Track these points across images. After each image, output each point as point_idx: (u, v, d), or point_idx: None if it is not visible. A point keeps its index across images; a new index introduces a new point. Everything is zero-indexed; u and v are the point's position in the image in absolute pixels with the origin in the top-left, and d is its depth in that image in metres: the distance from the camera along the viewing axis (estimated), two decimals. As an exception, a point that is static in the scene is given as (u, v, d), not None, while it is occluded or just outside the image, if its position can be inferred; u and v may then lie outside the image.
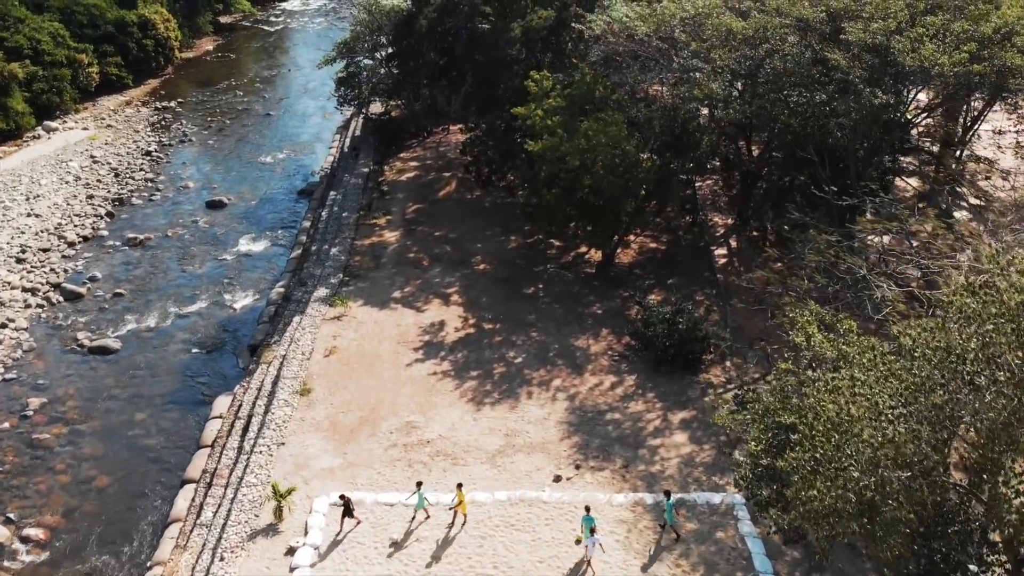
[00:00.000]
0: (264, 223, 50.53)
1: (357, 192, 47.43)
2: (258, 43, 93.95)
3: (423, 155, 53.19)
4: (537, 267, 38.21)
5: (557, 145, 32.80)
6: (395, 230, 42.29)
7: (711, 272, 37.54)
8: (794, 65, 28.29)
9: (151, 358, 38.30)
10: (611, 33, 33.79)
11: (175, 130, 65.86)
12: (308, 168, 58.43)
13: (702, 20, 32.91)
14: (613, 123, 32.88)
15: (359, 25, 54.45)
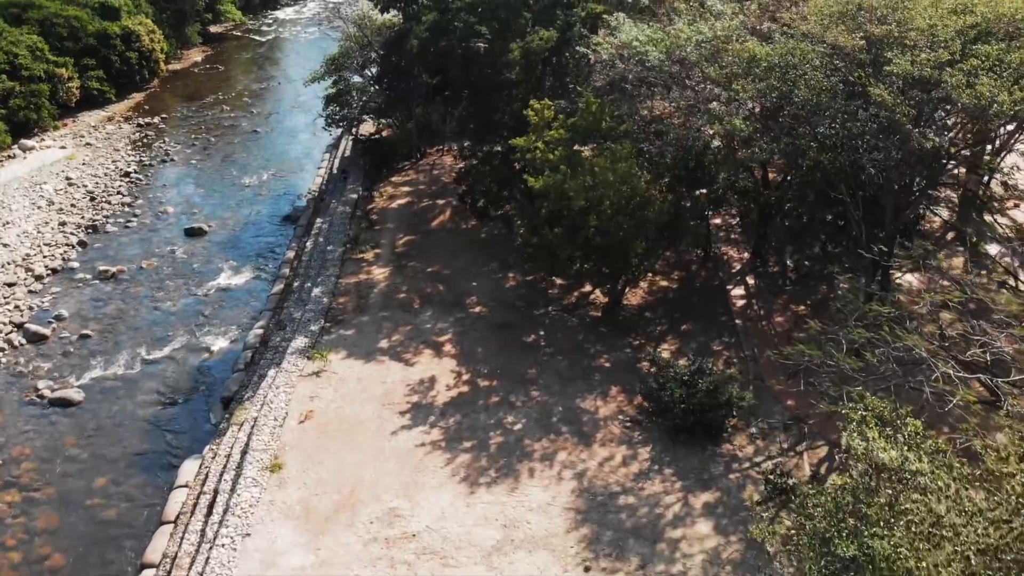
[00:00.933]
0: (246, 253, 46.91)
1: (344, 221, 43.82)
2: (248, 54, 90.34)
3: (416, 179, 49.59)
4: (537, 310, 34.62)
5: (560, 182, 29.24)
6: (384, 266, 38.67)
7: (728, 316, 33.97)
8: (828, 99, 24.72)
9: (116, 411, 34.65)
10: (619, 58, 30.27)
11: (157, 149, 62.22)
12: (295, 191, 54.79)
13: (720, 45, 29.35)
14: (622, 158, 29.34)
15: (348, 40, 50.87)
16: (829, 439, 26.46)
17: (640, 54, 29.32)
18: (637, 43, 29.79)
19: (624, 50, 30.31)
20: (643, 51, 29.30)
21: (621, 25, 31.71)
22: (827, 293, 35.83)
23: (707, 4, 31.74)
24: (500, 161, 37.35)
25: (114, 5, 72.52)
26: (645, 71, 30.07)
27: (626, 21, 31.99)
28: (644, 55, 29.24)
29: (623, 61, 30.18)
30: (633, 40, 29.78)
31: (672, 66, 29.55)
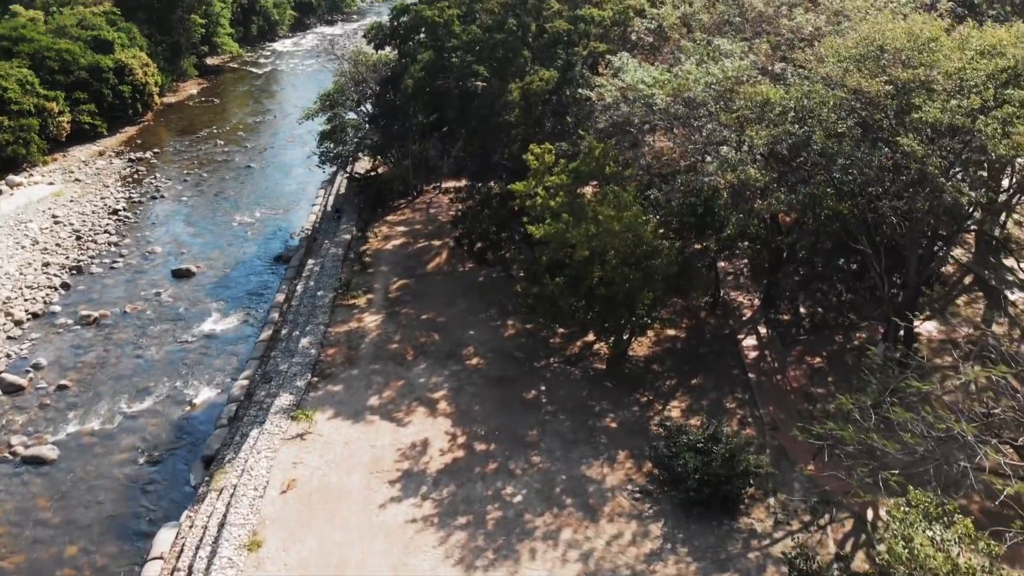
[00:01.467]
0: (234, 296, 44.91)
1: (336, 263, 41.86)
2: (244, 86, 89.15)
3: (412, 218, 47.75)
4: (538, 362, 32.53)
5: (562, 231, 27.34)
6: (376, 312, 36.64)
7: (741, 369, 31.88)
8: (850, 147, 22.87)
9: (92, 470, 32.37)
10: (624, 100, 28.52)
11: (147, 185, 60.47)
12: (287, 229, 52.94)
13: (731, 86, 27.62)
14: (627, 205, 27.49)
15: (343, 76, 49.35)
16: (854, 511, 24.34)
17: (646, 96, 27.57)
18: (643, 85, 28.06)
19: (629, 92, 28.56)
20: (649, 93, 27.55)
21: (625, 65, 30.02)
22: (843, 344, 33.84)
23: (715, 43, 30.07)
24: (498, 203, 35.49)
25: (107, 39, 71.33)
26: (651, 114, 28.29)
27: (630, 61, 30.33)
28: (650, 98, 27.48)
29: (628, 103, 28.42)
30: (639, 82, 28.06)
31: (679, 108, 27.77)
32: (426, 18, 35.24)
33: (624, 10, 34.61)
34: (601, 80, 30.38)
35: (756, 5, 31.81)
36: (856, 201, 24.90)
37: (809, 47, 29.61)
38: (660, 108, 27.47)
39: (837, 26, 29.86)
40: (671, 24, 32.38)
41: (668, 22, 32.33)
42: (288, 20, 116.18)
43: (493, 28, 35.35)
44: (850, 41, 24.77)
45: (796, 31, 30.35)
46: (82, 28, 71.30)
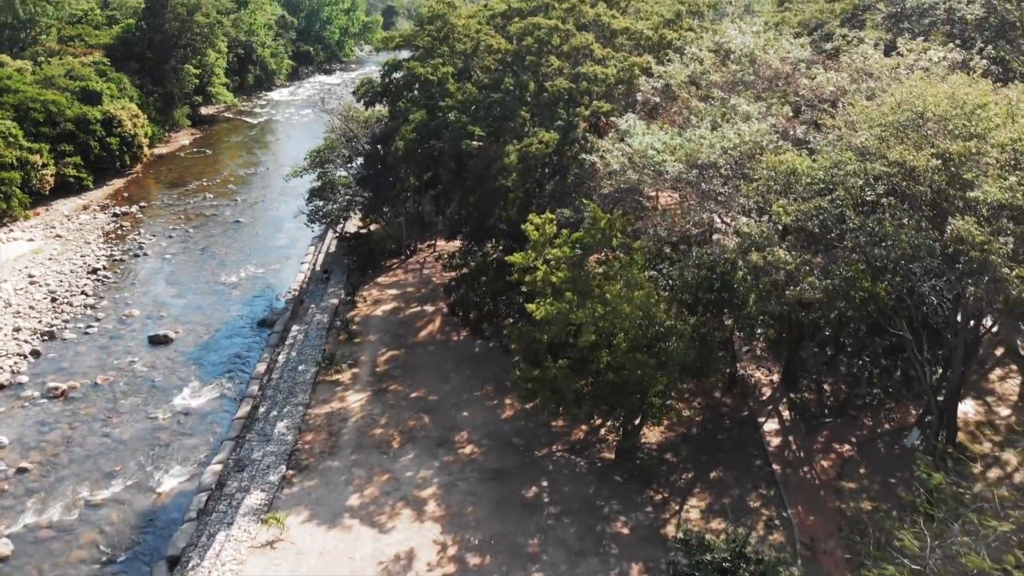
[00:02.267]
0: (212, 365, 41.64)
1: (321, 333, 38.74)
2: (238, 137, 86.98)
3: (404, 279, 44.80)
4: (539, 450, 29.25)
5: (566, 312, 24.35)
6: (361, 390, 33.40)
7: (763, 458, 28.60)
8: (893, 228, 19.98)
9: (47, 569, 28.97)
10: (632, 167, 25.76)
11: (130, 241, 57.59)
12: (274, 290, 49.92)
13: (751, 152, 24.89)
14: (639, 283, 24.54)
15: (333, 132, 46.87)
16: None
17: (657, 164, 24.80)
18: (653, 151, 25.31)
19: (637, 157, 25.80)
20: (660, 160, 24.79)
21: (632, 129, 27.32)
22: (873, 427, 30.64)
23: (730, 104, 27.44)
24: (495, 271, 32.55)
25: (96, 89, 69.14)
26: (662, 181, 25.50)
27: (637, 124, 27.68)
28: (662, 165, 24.71)
29: (636, 170, 25.62)
30: (648, 147, 25.33)
31: (694, 175, 24.99)
32: (418, 76, 32.73)
33: (629, 68, 32.10)
34: (605, 144, 27.66)
35: (771, 63, 29.26)
36: (892, 280, 22.00)
37: (833, 108, 26.99)
38: (672, 176, 24.64)
39: (860, 84, 27.27)
40: (680, 83, 29.81)
41: (676, 81, 29.75)
42: (285, 69, 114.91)
43: (490, 87, 32.80)
44: (885, 107, 22.06)
45: (817, 91, 27.74)
46: (70, 79, 69.16)
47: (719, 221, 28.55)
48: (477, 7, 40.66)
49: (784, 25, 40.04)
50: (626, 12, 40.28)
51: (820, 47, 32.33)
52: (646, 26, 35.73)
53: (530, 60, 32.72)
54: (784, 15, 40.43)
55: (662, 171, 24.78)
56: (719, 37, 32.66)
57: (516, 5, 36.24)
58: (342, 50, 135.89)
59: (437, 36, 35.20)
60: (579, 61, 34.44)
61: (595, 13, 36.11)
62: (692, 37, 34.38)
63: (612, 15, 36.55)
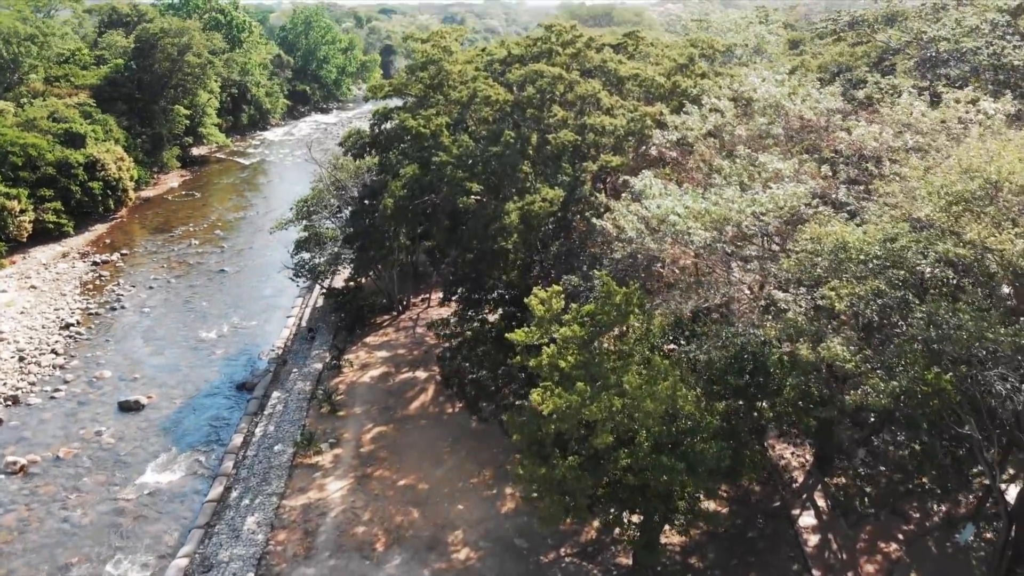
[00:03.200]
0: (186, 436, 37.63)
1: (302, 403, 34.85)
2: (229, 179, 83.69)
3: (395, 339, 41.04)
4: (545, 554, 25.25)
5: (577, 406, 20.64)
6: (343, 476, 29.45)
7: (802, 563, 24.64)
8: (974, 322, 16.40)
9: None
10: (650, 234, 22.25)
11: (108, 293, 53.83)
12: (256, 348, 46.06)
13: (789, 218, 21.39)
14: (664, 373, 20.86)
15: (321, 182, 43.47)
16: None
17: (681, 232, 21.28)
18: (676, 216, 21.79)
19: (655, 221, 22.29)
20: (684, 228, 21.27)
21: (648, 189, 23.85)
22: (922, 520, 26.79)
23: (758, 161, 24.02)
24: (494, 340, 28.87)
25: (80, 132, 65.90)
26: (684, 251, 21.95)
27: (654, 183, 24.24)
28: (686, 233, 21.19)
29: (655, 239, 22.10)
30: (669, 212, 21.83)
31: (721, 243, 21.45)
32: (409, 128, 29.41)
33: (640, 119, 28.79)
34: (618, 206, 24.14)
35: (803, 113, 25.94)
36: (957, 370, 18.37)
37: (877, 167, 23.57)
38: (698, 245, 21.08)
39: (905, 140, 23.89)
40: (698, 136, 26.44)
41: (696, 133, 26.38)
42: (281, 109, 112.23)
43: (488, 139, 29.43)
44: (952, 173, 18.59)
45: (856, 146, 24.35)
46: (53, 121, 65.95)
47: (747, 290, 24.94)
48: (474, 51, 37.56)
49: (803, 69, 36.97)
50: (633, 57, 37.15)
51: (852, 95, 29.05)
52: (657, 72, 32.51)
53: (531, 111, 29.40)
54: (803, 59, 37.32)
55: (687, 241, 21.22)
56: (739, 85, 29.38)
57: (516, 51, 33.09)
58: (339, 89, 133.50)
59: (430, 84, 31.93)
60: (585, 110, 31.15)
61: (601, 58, 32.93)
62: (708, 85, 31.11)
63: (619, 60, 33.37)
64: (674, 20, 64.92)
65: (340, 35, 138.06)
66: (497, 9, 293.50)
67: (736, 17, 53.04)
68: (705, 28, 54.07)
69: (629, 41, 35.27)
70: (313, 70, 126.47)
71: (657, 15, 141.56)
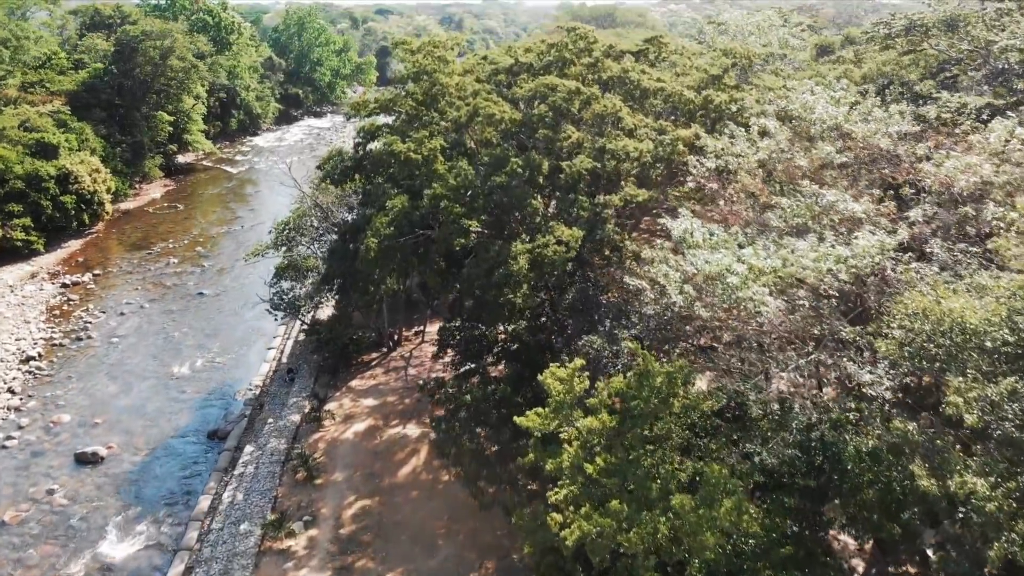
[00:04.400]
0: (148, 496, 32.56)
1: (274, 469, 29.74)
2: (215, 189, 78.46)
3: (385, 382, 35.99)
4: None
5: (612, 533, 15.70)
6: (319, 568, 24.28)
7: None
8: None
9: None
10: (699, 300, 17.26)
11: (76, 320, 48.69)
12: (233, 386, 40.99)
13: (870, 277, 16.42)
14: (723, 487, 15.92)
15: (303, 203, 38.43)
16: None
17: (741, 300, 16.31)
18: (731, 274, 16.81)
19: (705, 281, 17.32)
20: (747, 295, 16.28)
21: (690, 236, 18.85)
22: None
23: (825, 200, 19.03)
24: (496, 406, 23.85)
25: (52, 142, 60.63)
26: (747, 323, 16.96)
27: (697, 229, 19.23)
28: (749, 301, 16.20)
29: (708, 306, 17.12)
30: (724, 270, 16.88)
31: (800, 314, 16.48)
32: (397, 154, 24.39)
33: (672, 143, 23.82)
34: (655, 255, 19.12)
35: (874, 140, 20.97)
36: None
37: (977, 208, 18.61)
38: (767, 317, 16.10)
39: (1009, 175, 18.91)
40: (749, 168, 21.43)
41: (745, 165, 21.38)
42: (272, 113, 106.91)
43: (491, 165, 24.39)
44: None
45: (946, 183, 19.39)
46: (24, 131, 60.66)
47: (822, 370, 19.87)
48: (474, 60, 32.54)
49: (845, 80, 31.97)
50: (655, 66, 32.10)
51: (919, 115, 24.05)
52: (686, 84, 27.48)
53: (544, 134, 24.37)
54: (845, 68, 32.31)
55: (754, 309, 16.24)
56: (783, 100, 24.39)
57: (524, 59, 28.07)
58: (333, 92, 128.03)
59: (423, 100, 26.89)
60: (603, 130, 26.11)
61: (621, 68, 27.88)
62: (747, 100, 26.10)
63: (642, 71, 28.31)
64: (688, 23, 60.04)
65: (334, 37, 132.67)
66: (495, 9, 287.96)
67: (759, 20, 48.11)
68: (723, 31, 49.18)
69: (651, 48, 30.32)
70: (306, 73, 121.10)
71: (659, 15, 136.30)
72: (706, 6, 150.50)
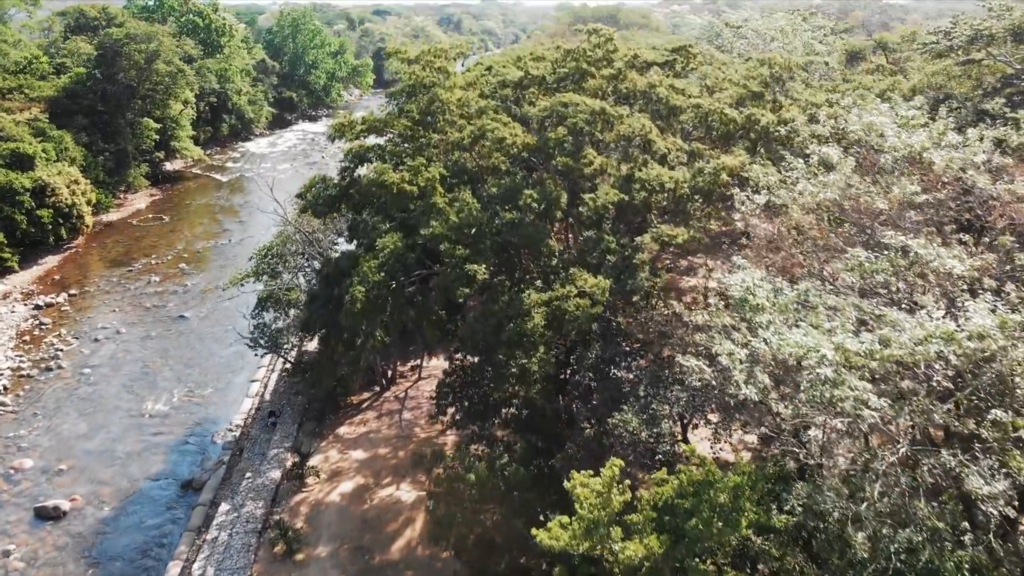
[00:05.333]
0: (112, 560, 28.50)
1: (249, 540, 25.64)
2: (203, 198, 74.20)
3: (376, 429, 31.93)
4: None
5: None
6: (302, 671, 20.52)
7: None
8: None
9: None
10: (770, 386, 13.26)
11: (47, 347, 44.52)
12: (211, 426, 36.86)
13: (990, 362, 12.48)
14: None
15: (288, 227, 34.33)
16: None
17: (837, 398, 12.29)
18: (824, 364, 12.75)
19: (781, 370, 13.31)
20: (845, 395, 12.25)
21: (753, 297, 14.82)
22: None
23: (913, 254, 15.08)
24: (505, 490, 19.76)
25: (28, 153, 56.38)
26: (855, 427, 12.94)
27: (758, 281, 15.22)
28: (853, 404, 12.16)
29: (791, 402, 13.10)
30: (809, 352, 12.87)
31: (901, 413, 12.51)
32: (389, 186, 20.30)
33: (715, 173, 19.82)
34: (710, 321, 15.10)
35: (955, 172, 16.99)
36: None
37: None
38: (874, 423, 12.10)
39: None
40: (810, 206, 17.35)
41: (816, 202, 17.27)
42: (265, 117, 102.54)
43: (499, 198, 20.36)
44: None
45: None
46: (-1, 140, 56.57)
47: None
48: (477, 71, 28.42)
49: (893, 92, 28.01)
50: (680, 76, 28.05)
51: (1002, 141, 20.04)
52: (722, 102, 23.43)
53: (563, 162, 20.33)
54: (895, 80, 28.29)
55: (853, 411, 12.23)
56: (847, 123, 20.38)
57: (536, 72, 24.03)
58: (328, 95, 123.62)
59: (420, 120, 22.83)
60: (629, 153, 22.07)
61: (647, 83, 23.81)
62: (797, 120, 22.06)
63: (670, 85, 24.25)
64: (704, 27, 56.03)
65: (330, 38, 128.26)
66: (494, 10, 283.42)
67: (782, 23, 44.03)
68: (743, 36, 45.17)
69: (679, 58, 26.31)
70: (301, 76, 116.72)
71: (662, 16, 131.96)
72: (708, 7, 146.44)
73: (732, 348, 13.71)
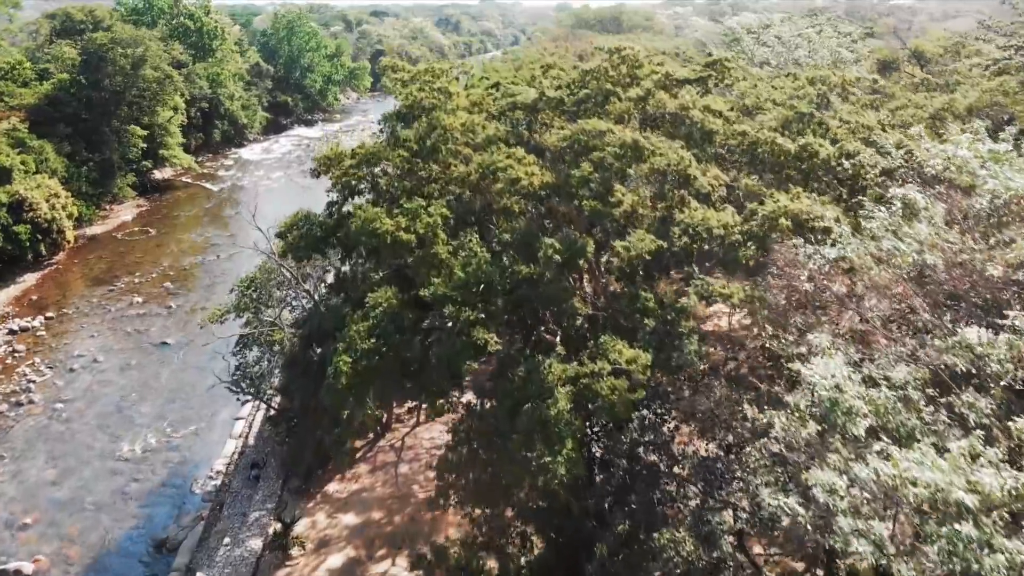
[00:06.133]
0: (71, 643, 25.23)
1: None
2: (192, 209, 70.52)
3: (370, 487, 28.36)
4: None
5: None
6: None
7: None
8: None
9: None
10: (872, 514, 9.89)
11: (18, 379, 40.85)
12: (191, 471, 33.25)
13: None
14: None
15: (272, 258, 30.81)
16: None
17: (989, 570, 8.92)
18: (955, 503, 9.37)
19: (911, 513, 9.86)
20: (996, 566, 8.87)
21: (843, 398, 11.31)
22: None
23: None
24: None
25: (4, 165, 52.76)
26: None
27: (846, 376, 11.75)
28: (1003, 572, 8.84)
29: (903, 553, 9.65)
30: (943, 495, 9.37)
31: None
32: (382, 235, 16.80)
33: (772, 217, 16.35)
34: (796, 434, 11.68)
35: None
36: None
37: None
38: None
39: None
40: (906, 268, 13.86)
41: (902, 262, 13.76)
42: (260, 122, 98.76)
43: (514, 246, 16.86)
44: None
45: None
46: (-28, 152, 52.89)
47: None
48: (482, 89, 24.78)
49: (946, 113, 24.58)
50: (709, 92, 24.47)
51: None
52: (767, 124, 19.89)
53: (591, 206, 16.83)
54: (951, 98, 24.79)
55: None
56: (925, 156, 16.89)
57: (552, 94, 20.49)
58: (325, 99, 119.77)
59: (419, 151, 19.32)
60: (664, 190, 18.55)
61: (678, 105, 20.28)
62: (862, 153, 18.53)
63: (705, 107, 20.72)
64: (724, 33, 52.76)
65: (326, 40, 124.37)
66: (493, 10, 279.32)
67: (808, 30, 40.42)
68: (765, 44, 41.66)
69: (713, 74, 22.78)
70: (296, 79, 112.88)
71: (666, 18, 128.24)
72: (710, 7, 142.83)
73: (834, 481, 10.19)
